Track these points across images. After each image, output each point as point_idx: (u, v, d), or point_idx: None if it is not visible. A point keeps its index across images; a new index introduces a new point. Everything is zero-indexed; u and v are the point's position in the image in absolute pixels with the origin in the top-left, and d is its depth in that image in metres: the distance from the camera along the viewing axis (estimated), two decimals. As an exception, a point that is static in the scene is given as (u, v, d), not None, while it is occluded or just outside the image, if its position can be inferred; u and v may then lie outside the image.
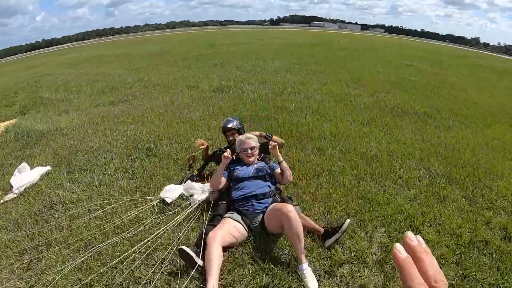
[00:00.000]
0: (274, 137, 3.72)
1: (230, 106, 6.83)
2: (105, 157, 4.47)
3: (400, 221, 3.18)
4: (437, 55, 25.70)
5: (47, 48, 71.01)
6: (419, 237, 0.50)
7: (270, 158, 3.63)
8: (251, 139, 3.22)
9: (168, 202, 3.24)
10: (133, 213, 3.08)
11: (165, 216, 3.10)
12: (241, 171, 3.11)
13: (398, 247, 0.48)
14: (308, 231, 2.86)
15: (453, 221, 3.24)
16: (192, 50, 19.95)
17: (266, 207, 2.83)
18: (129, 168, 4.13)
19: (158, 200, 3.31)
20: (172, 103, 7.40)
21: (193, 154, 4.03)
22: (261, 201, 2.86)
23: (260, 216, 2.82)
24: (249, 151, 3.16)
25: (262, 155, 3.45)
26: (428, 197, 3.71)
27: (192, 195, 3.27)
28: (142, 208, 3.17)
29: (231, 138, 3.64)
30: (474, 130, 6.45)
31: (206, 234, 2.59)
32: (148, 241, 2.73)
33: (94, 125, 5.99)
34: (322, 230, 2.84)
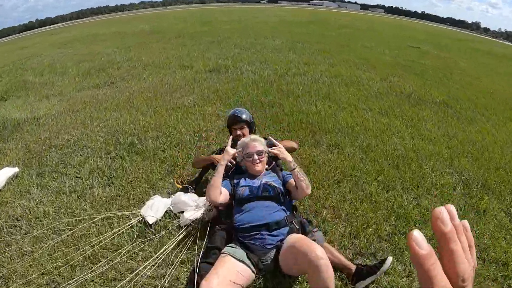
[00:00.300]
0: (284, 142, 2.94)
1: (228, 90, 5.97)
2: (80, 155, 3.79)
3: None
4: (437, 37, 24.85)
5: (41, 28, 67.07)
6: (453, 211, 0.37)
7: (281, 167, 2.84)
8: (258, 141, 2.44)
9: (150, 223, 2.49)
10: (107, 236, 2.39)
11: (147, 243, 2.38)
12: (245, 188, 2.32)
13: (417, 238, 0.35)
14: (335, 267, 2.15)
15: (497, 244, 2.65)
16: (187, 27, 18.66)
17: (281, 240, 2.07)
18: (106, 170, 3.43)
19: (138, 219, 2.56)
20: (162, 85, 6.56)
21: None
22: (274, 232, 2.09)
23: (272, 252, 2.08)
24: (256, 157, 2.36)
25: (273, 162, 2.66)
26: (467, 211, 3.07)
27: (182, 212, 2.51)
28: (118, 230, 2.46)
29: (239, 133, 2.83)
30: (496, 123, 5.80)
31: (200, 275, 1.86)
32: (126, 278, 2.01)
33: (74, 113, 5.24)
34: (353, 268, 2.18)
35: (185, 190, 2.85)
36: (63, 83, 7.43)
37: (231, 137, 2.46)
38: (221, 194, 2.22)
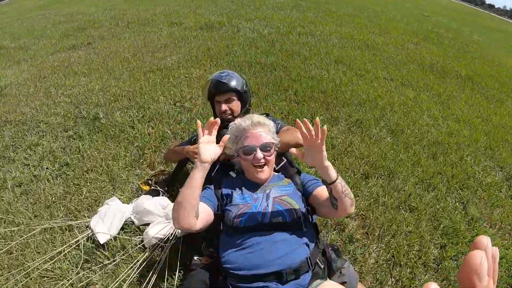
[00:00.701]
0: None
1: (221, 48, 4.88)
2: (35, 133, 2.98)
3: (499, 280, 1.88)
4: (445, 9, 23.47)
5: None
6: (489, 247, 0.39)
7: (294, 164, 1.76)
8: (263, 125, 1.46)
9: (101, 243, 1.68)
10: (46, 259, 1.72)
11: (97, 271, 1.63)
12: (242, 209, 1.35)
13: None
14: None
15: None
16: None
17: None
18: (59, 154, 2.65)
19: (87, 233, 1.76)
20: (144, 44, 5.44)
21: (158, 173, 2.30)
22: (288, 284, 1.22)
23: None
24: (259, 155, 1.40)
25: (284, 160, 1.69)
26: None
27: (147, 224, 1.66)
28: (60, 250, 1.74)
29: (224, 109, 1.81)
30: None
31: None
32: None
33: (40, 80, 4.24)
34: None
35: (153, 193, 1.97)
36: (38, 47, 6.31)
37: (211, 119, 1.21)
38: (197, 216, 1.23)
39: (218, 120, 1.20)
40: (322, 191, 1.39)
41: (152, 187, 2.03)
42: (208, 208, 1.34)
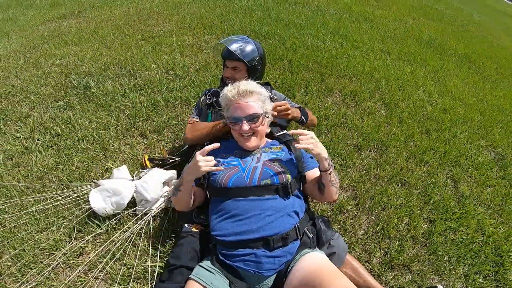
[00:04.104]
0: (310, 115, 1.85)
1: (216, 16, 4.66)
2: (25, 104, 2.86)
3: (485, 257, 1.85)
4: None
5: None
6: None
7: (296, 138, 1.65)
8: (252, 94, 1.39)
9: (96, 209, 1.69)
10: (40, 230, 1.70)
11: (90, 240, 1.62)
12: (230, 172, 1.32)
13: None
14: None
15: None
16: None
17: (288, 262, 1.21)
18: (50, 124, 2.54)
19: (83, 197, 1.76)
20: (137, 12, 5.18)
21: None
22: (277, 252, 1.19)
23: (270, 280, 1.22)
24: (245, 127, 1.36)
25: (280, 131, 1.64)
26: (506, 202, 2.34)
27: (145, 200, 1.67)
28: (54, 224, 1.70)
29: (228, 75, 1.82)
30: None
31: None
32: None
33: (30, 51, 4.01)
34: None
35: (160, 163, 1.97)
36: (27, 17, 5.97)
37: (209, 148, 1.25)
38: (194, 198, 1.38)
39: (218, 144, 1.26)
40: (315, 173, 1.39)
41: (160, 159, 2.00)
42: (199, 189, 1.41)
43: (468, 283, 1.68)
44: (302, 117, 1.72)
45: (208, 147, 1.23)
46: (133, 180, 1.78)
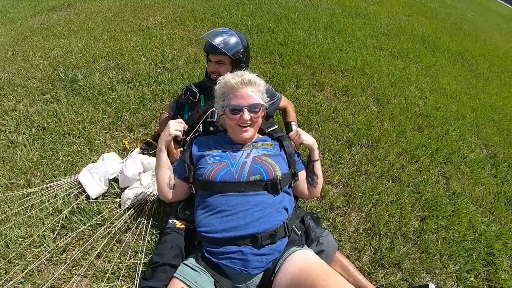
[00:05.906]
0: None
1: (207, 9, 4.60)
2: (12, 98, 2.77)
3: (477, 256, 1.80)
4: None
5: None
6: None
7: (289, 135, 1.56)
8: (253, 84, 1.33)
9: (93, 197, 1.73)
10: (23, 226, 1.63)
11: (74, 236, 1.58)
12: (217, 166, 1.27)
13: None
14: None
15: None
16: None
17: (275, 260, 1.16)
18: (36, 118, 2.47)
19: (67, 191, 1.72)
20: (127, 4, 5.10)
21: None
22: (265, 249, 1.14)
23: (257, 279, 1.16)
24: (246, 116, 1.29)
25: (276, 126, 1.59)
26: (498, 200, 2.29)
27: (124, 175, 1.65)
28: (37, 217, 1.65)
29: (213, 69, 1.77)
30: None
31: None
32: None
33: (19, 44, 3.91)
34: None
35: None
36: (17, 10, 5.84)
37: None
38: (171, 187, 1.37)
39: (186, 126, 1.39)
40: (303, 174, 1.43)
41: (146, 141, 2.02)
42: (181, 182, 1.38)
43: (459, 282, 1.64)
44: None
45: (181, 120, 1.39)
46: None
